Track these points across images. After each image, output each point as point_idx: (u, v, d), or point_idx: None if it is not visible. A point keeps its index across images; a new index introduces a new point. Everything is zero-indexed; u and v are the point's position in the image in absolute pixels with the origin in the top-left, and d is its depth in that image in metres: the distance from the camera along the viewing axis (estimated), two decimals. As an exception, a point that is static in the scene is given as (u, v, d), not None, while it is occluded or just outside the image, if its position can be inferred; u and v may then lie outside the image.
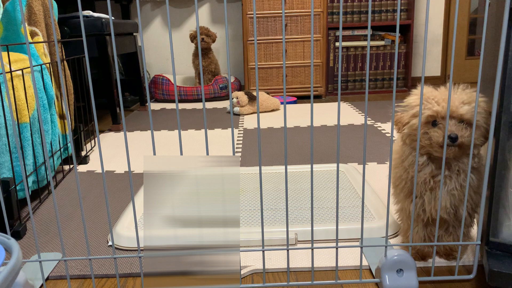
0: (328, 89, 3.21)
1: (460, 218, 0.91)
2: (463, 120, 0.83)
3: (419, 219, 0.95)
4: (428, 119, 0.84)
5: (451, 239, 0.94)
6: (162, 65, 3.55)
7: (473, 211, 0.91)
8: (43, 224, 1.24)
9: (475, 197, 0.89)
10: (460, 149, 0.83)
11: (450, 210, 0.88)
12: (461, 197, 0.87)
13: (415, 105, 0.86)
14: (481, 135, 0.84)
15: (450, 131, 0.81)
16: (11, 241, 0.72)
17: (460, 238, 0.88)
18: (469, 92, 0.84)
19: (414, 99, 0.88)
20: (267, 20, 2.99)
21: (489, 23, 0.99)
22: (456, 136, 0.81)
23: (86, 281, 0.97)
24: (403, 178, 0.92)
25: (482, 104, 0.84)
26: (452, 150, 0.83)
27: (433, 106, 0.83)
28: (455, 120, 0.82)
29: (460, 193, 0.87)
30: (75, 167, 0.81)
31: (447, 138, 0.81)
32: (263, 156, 1.79)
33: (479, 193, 0.88)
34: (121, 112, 0.79)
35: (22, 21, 1.46)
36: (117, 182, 1.56)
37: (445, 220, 0.93)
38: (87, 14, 2.27)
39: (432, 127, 0.84)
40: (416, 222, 0.96)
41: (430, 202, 0.89)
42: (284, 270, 0.97)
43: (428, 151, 0.86)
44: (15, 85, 1.26)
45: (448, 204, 0.87)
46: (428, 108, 0.83)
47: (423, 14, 3.41)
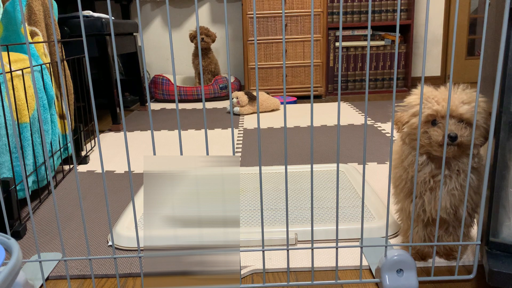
0: (328, 89, 3.21)
1: (460, 218, 0.91)
2: (463, 120, 0.83)
3: (419, 219, 0.94)
4: (428, 118, 0.84)
5: (451, 239, 0.94)
6: (162, 65, 3.55)
7: (473, 211, 0.91)
8: (43, 224, 1.24)
9: (475, 197, 0.89)
10: (459, 148, 0.83)
11: (450, 210, 0.88)
12: (461, 197, 0.87)
13: (415, 104, 0.86)
14: (480, 135, 0.84)
15: (450, 130, 0.81)
16: (11, 241, 0.72)
17: (460, 238, 0.88)
18: (469, 92, 0.85)
19: (414, 99, 0.88)
20: (267, 20, 2.99)
21: (489, 23, 0.99)
22: (455, 135, 0.81)
23: (86, 281, 0.97)
24: (403, 178, 0.92)
25: (482, 104, 0.84)
26: (451, 150, 0.83)
27: (433, 105, 0.83)
28: (455, 119, 0.82)
29: (460, 193, 0.87)
30: (75, 167, 0.81)
31: (447, 138, 0.81)
32: (263, 156, 1.79)
33: (479, 193, 0.88)
34: (121, 112, 0.79)
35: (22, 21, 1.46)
36: (117, 182, 1.56)
37: (445, 220, 0.93)
38: (87, 14, 2.27)
39: (432, 126, 0.84)
40: (416, 222, 0.96)
41: (430, 202, 0.89)
42: (284, 270, 0.97)
43: (428, 151, 0.86)
44: (15, 85, 1.26)
45: (448, 204, 0.87)
46: (428, 108, 0.83)
47: (423, 14, 3.41)
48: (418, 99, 0.87)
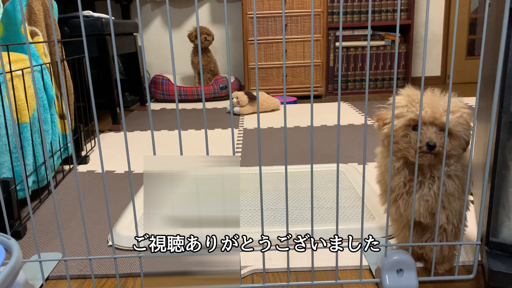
0: (328, 89, 3.21)
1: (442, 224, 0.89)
2: (443, 129, 0.80)
3: (400, 222, 0.94)
4: (409, 122, 0.82)
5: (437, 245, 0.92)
6: (162, 65, 3.55)
7: (455, 218, 0.88)
8: (43, 224, 1.24)
9: (455, 203, 0.86)
10: (436, 157, 0.81)
11: (425, 214, 0.87)
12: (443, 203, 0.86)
13: (399, 106, 0.84)
14: (459, 146, 0.82)
15: (429, 139, 0.79)
16: (11, 241, 0.72)
17: (461, 238, 0.88)
18: (454, 101, 0.82)
19: (399, 99, 0.85)
20: (267, 20, 2.99)
21: (489, 23, 1.00)
22: (434, 144, 0.79)
23: (86, 281, 0.97)
24: (382, 182, 0.92)
25: (465, 115, 0.82)
26: (427, 157, 0.81)
27: (416, 110, 0.81)
28: (436, 127, 0.80)
29: (436, 199, 0.86)
30: (75, 167, 0.81)
31: (425, 146, 0.79)
32: (263, 156, 1.79)
33: (461, 199, 0.86)
34: (121, 112, 0.79)
35: (22, 21, 1.46)
36: (117, 182, 1.56)
37: (427, 225, 0.92)
38: (87, 14, 2.27)
39: (413, 130, 0.82)
40: (402, 225, 0.95)
41: (405, 206, 0.88)
42: (284, 270, 0.97)
43: (405, 155, 0.84)
44: (15, 85, 1.26)
45: (422, 209, 0.86)
46: (411, 111, 0.81)
47: (423, 14, 3.41)
48: (403, 100, 0.85)
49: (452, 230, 0.89)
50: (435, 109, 0.80)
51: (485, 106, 1.02)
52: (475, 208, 1.18)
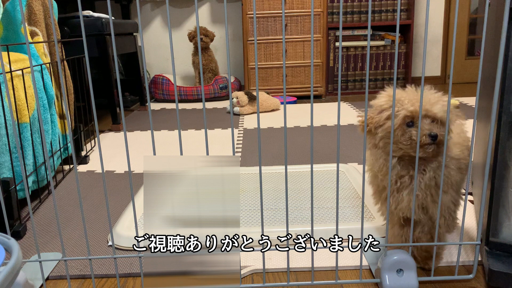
0: (328, 89, 3.21)
1: (432, 218, 0.89)
2: (436, 119, 0.82)
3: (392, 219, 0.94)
4: (404, 120, 0.82)
5: (427, 239, 0.92)
6: (162, 65, 3.55)
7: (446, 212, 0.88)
8: (43, 224, 1.24)
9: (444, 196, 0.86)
10: (438, 147, 0.82)
11: (416, 210, 0.87)
12: (431, 197, 0.86)
13: (387, 107, 0.84)
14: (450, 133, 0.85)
15: (430, 130, 0.80)
16: (11, 241, 0.72)
17: (461, 238, 0.88)
18: (434, 93, 0.84)
19: (385, 101, 0.85)
20: (267, 20, 2.99)
21: (489, 23, 1.00)
22: (436, 134, 0.80)
23: (86, 281, 0.97)
24: (375, 183, 0.92)
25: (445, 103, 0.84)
26: (432, 149, 0.81)
27: (408, 107, 0.81)
28: (429, 119, 0.81)
29: (427, 193, 0.86)
30: (75, 167, 0.81)
31: (428, 137, 0.80)
32: (263, 156, 1.79)
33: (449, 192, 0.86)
34: (121, 112, 0.79)
35: (22, 21, 1.46)
36: (117, 182, 1.56)
37: (419, 220, 0.91)
38: (87, 14, 2.27)
39: (408, 128, 0.82)
40: (392, 223, 0.95)
41: (395, 203, 0.88)
42: (284, 270, 0.97)
43: (406, 153, 0.84)
44: (15, 85, 1.26)
45: (411, 204, 0.86)
46: (403, 109, 0.82)
47: (423, 14, 3.41)
48: (388, 101, 0.85)
49: (444, 223, 0.89)
50: (423, 102, 0.81)
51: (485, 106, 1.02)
52: (475, 208, 1.18)
